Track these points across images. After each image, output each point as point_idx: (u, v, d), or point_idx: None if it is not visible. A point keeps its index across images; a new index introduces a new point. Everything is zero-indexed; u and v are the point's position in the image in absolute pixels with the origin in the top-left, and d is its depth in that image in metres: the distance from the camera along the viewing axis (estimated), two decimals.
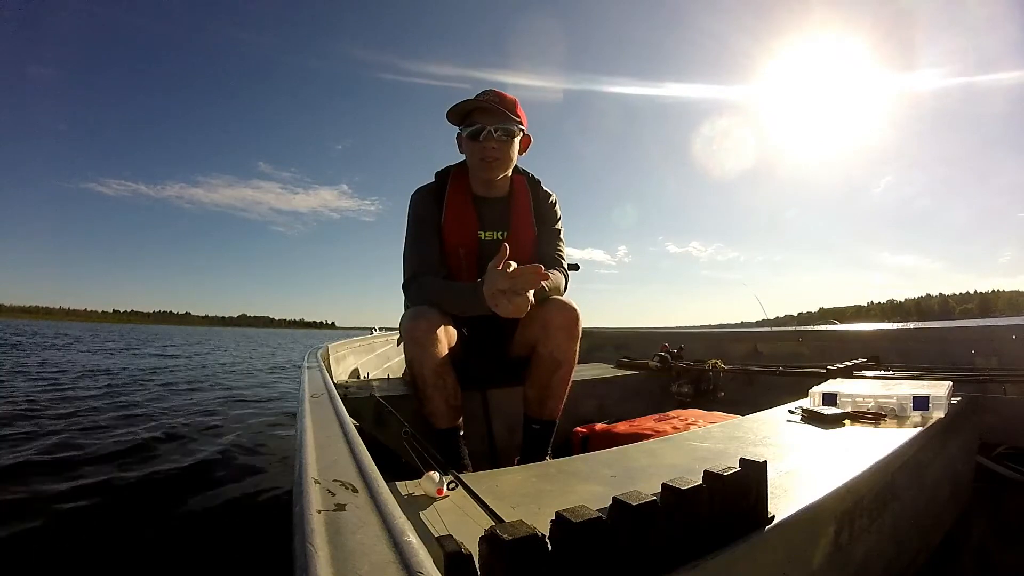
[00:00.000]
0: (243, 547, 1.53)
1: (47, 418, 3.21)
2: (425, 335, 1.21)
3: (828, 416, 1.01)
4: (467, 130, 1.37)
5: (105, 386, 5.00)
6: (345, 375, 2.04)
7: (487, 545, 0.35)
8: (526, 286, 1.08)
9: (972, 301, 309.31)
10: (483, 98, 1.35)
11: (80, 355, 9.36)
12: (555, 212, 1.54)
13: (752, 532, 0.49)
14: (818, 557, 0.59)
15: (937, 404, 1.01)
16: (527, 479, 0.76)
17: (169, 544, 1.53)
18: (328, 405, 0.79)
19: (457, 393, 1.26)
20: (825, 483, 0.63)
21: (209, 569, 1.41)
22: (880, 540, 0.74)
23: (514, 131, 1.38)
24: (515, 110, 1.37)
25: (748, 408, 1.22)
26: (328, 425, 0.66)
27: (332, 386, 0.96)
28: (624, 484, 0.69)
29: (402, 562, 0.32)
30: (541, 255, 1.47)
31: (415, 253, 1.42)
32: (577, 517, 0.37)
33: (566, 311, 1.30)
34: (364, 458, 0.52)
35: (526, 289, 1.09)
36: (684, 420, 1.44)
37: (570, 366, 1.32)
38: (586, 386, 1.87)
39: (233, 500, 1.89)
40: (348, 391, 1.51)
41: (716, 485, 0.46)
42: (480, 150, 1.37)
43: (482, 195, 1.48)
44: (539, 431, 1.33)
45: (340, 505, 0.41)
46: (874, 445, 0.81)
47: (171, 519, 1.72)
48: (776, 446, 0.86)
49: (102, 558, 1.43)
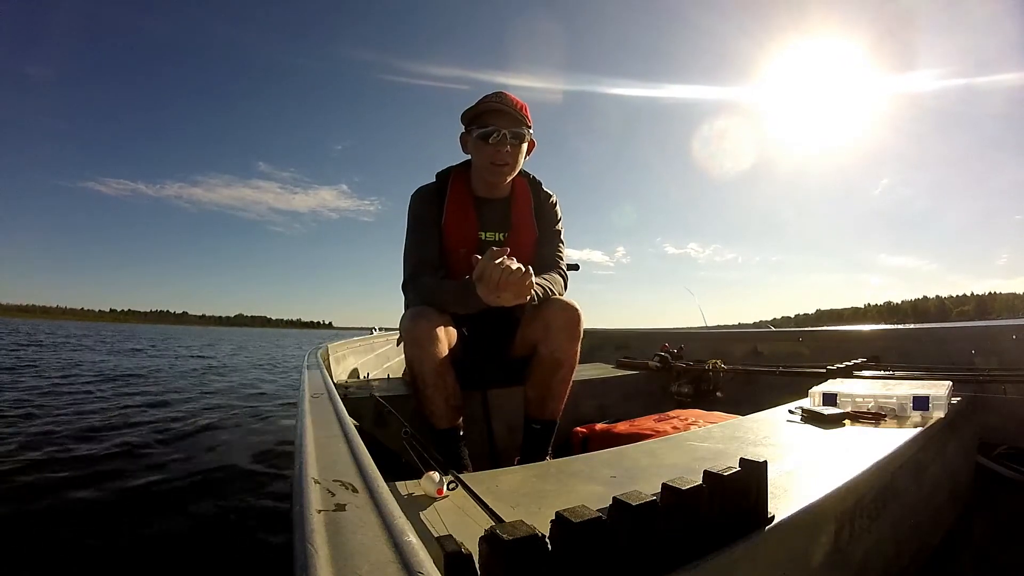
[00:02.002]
0: (243, 547, 1.53)
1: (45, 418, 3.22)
2: (425, 335, 1.21)
3: (828, 416, 1.01)
4: (479, 131, 1.36)
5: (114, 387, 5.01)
6: (345, 375, 2.04)
7: (487, 545, 0.35)
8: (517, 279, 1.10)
9: (969, 303, 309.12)
10: (495, 100, 1.34)
11: (122, 357, 9.31)
12: (556, 213, 1.54)
13: (752, 532, 0.49)
14: (818, 557, 0.59)
15: (937, 404, 1.01)
16: (527, 479, 0.76)
17: (169, 544, 1.53)
18: (328, 405, 0.79)
19: (457, 393, 1.26)
20: (825, 483, 0.63)
21: (210, 569, 1.41)
22: (880, 540, 0.74)
23: (525, 135, 1.38)
24: (525, 114, 1.37)
25: (748, 408, 1.22)
26: (328, 425, 0.66)
27: (332, 386, 0.96)
28: (624, 484, 0.69)
29: (402, 562, 0.32)
30: (541, 256, 1.47)
31: (415, 253, 1.42)
32: (577, 517, 0.37)
33: (567, 311, 1.29)
34: (364, 458, 0.52)
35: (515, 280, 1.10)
36: (684, 420, 1.44)
37: (571, 366, 1.32)
38: (586, 386, 1.87)
39: (233, 500, 1.90)
40: (348, 391, 1.51)
41: (716, 485, 0.46)
42: (492, 153, 1.36)
43: (483, 196, 1.47)
44: (539, 431, 1.33)
45: (340, 505, 0.40)
46: (874, 445, 0.81)
47: (171, 519, 1.72)
48: (776, 446, 0.86)
49: (102, 558, 1.43)
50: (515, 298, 1.14)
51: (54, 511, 1.74)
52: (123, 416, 3.41)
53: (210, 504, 1.86)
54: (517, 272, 1.10)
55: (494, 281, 1.10)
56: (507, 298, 1.13)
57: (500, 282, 1.10)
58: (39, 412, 3.41)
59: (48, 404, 3.75)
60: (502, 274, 1.09)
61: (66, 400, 4.00)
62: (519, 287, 1.11)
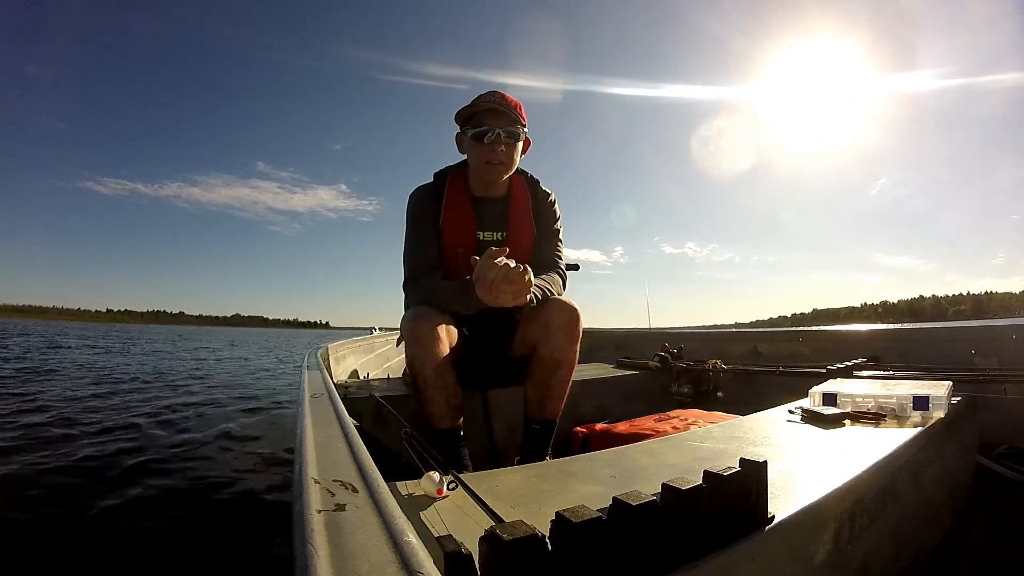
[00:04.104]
0: (243, 547, 1.53)
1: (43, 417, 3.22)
2: (426, 335, 1.21)
3: (828, 416, 1.00)
4: (473, 131, 1.36)
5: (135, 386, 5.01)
6: (345, 375, 2.04)
7: (487, 545, 0.35)
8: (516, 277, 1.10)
9: (965, 302, 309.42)
10: (489, 99, 1.35)
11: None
12: (554, 212, 1.54)
13: (752, 532, 0.49)
14: (818, 557, 0.59)
15: (937, 404, 1.01)
16: (527, 479, 0.76)
17: (170, 544, 1.53)
18: (328, 405, 0.79)
19: (458, 393, 1.26)
20: (825, 483, 0.63)
21: (210, 569, 1.41)
22: (880, 540, 0.74)
23: (519, 134, 1.38)
24: (520, 113, 1.37)
25: (748, 408, 1.22)
26: (328, 425, 0.66)
27: (332, 386, 0.96)
28: (624, 484, 0.69)
29: (402, 562, 0.32)
30: (540, 255, 1.47)
31: (414, 253, 1.42)
32: (577, 517, 0.37)
33: (566, 311, 1.29)
34: (364, 458, 0.52)
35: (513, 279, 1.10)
36: (684, 420, 1.44)
37: (570, 366, 1.32)
38: (586, 386, 1.87)
39: (233, 500, 1.89)
40: (348, 391, 1.51)
41: (716, 485, 0.46)
42: (486, 152, 1.36)
43: (481, 195, 1.47)
44: (539, 431, 1.33)
45: (340, 505, 0.40)
46: (874, 445, 0.81)
47: (172, 519, 1.72)
48: (776, 446, 0.86)
49: (103, 558, 1.43)
50: (514, 298, 1.14)
51: (54, 511, 1.74)
52: (128, 415, 3.41)
53: (210, 504, 1.86)
54: (516, 270, 1.10)
55: (491, 280, 1.10)
56: (506, 298, 1.13)
57: (498, 281, 1.10)
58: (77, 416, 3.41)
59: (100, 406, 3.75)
60: (500, 273, 1.09)
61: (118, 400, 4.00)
62: (518, 286, 1.11)
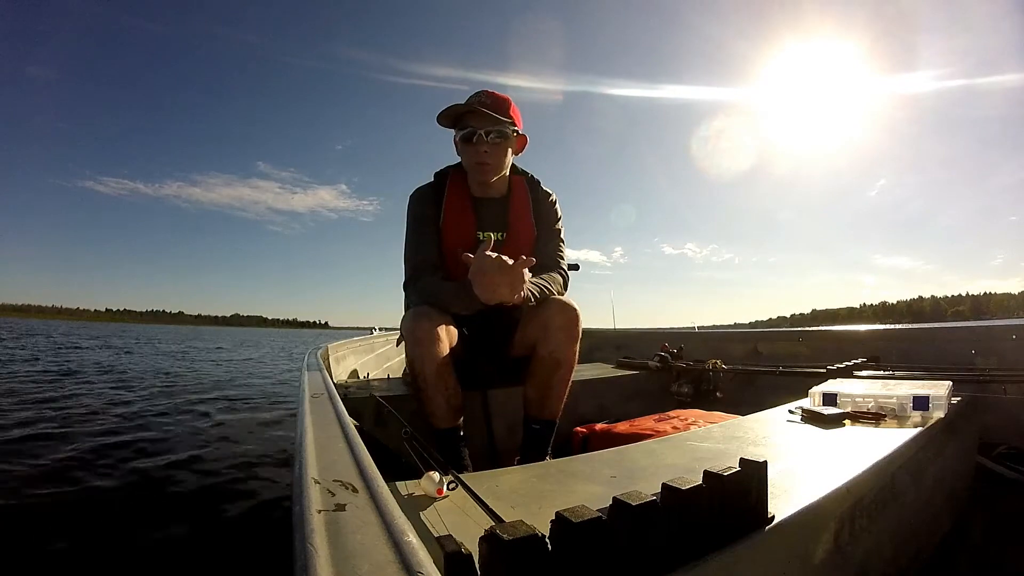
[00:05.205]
0: (243, 547, 1.53)
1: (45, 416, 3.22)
2: (427, 335, 1.21)
3: (828, 416, 1.00)
4: (459, 133, 1.37)
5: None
6: (345, 375, 2.04)
7: (487, 545, 0.35)
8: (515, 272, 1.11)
9: (964, 303, 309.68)
10: (475, 100, 1.34)
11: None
12: (555, 212, 1.54)
13: (752, 532, 0.49)
14: (818, 557, 0.59)
15: (937, 404, 1.01)
16: (527, 479, 0.76)
17: (170, 544, 1.53)
18: (328, 405, 0.78)
19: (458, 393, 1.26)
20: (825, 483, 0.63)
21: (210, 569, 1.41)
22: (880, 540, 0.74)
23: (507, 132, 1.37)
24: (508, 111, 1.36)
25: (748, 408, 1.22)
26: (328, 425, 0.66)
27: (332, 386, 0.96)
28: (624, 484, 0.69)
29: (402, 562, 0.32)
30: (540, 255, 1.47)
31: (414, 253, 1.42)
32: (577, 517, 0.37)
33: (566, 311, 1.29)
34: (364, 458, 0.52)
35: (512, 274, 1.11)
36: (684, 420, 1.44)
37: (570, 366, 1.32)
38: (586, 386, 1.87)
39: (233, 500, 1.89)
40: (348, 391, 1.51)
41: (716, 485, 0.46)
42: (474, 153, 1.36)
43: (480, 196, 1.47)
44: (539, 431, 1.33)
45: (340, 505, 0.40)
46: (874, 445, 0.81)
47: (172, 519, 1.72)
48: (776, 446, 0.86)
49: (103, 557, 1.43)
50: (511, 291, 1.13)
51: (53, 510, 1.74)
52: (148, 415, 3.41)
53: (210, 504, 1.86)
54: (509, 262, 1.10)
55: (484, 271, 1.10)
56: (503, 292, 1.13)
57: (492, 272, 1.10)
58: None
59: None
60: (494, 264, 1.09)
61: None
62: (512, 277, 1.11)
